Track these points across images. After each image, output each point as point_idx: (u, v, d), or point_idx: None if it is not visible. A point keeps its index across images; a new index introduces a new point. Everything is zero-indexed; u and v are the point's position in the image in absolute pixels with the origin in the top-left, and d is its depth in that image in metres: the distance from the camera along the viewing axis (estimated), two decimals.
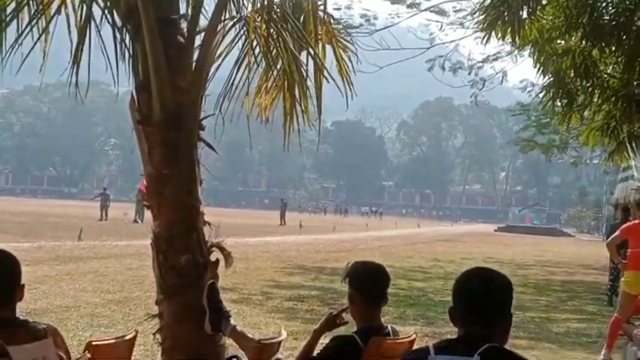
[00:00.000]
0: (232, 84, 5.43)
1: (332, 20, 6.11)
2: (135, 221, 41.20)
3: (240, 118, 5.74)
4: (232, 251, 4.72)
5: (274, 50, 5.42)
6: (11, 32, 5.28)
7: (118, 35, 4.91)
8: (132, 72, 4.96)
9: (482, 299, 2.74)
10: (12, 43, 5.12)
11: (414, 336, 4.24)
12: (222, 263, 4.59)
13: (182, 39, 4.67)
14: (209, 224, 4.71)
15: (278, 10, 5.26)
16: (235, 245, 4.62)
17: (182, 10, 4.78)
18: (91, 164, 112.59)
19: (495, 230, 66.96)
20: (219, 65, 5.21)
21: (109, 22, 4.98)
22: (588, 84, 9.78)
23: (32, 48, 5.16)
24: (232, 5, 4.88)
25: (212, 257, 4.61)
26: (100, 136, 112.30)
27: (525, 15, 9.05)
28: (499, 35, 9.23)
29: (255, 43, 5.38)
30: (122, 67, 5.06)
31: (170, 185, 4.52)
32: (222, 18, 4.79)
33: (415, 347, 3.89)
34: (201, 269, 4.45)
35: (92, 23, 5.08)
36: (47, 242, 22.23)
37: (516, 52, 16.86)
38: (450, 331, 3.11)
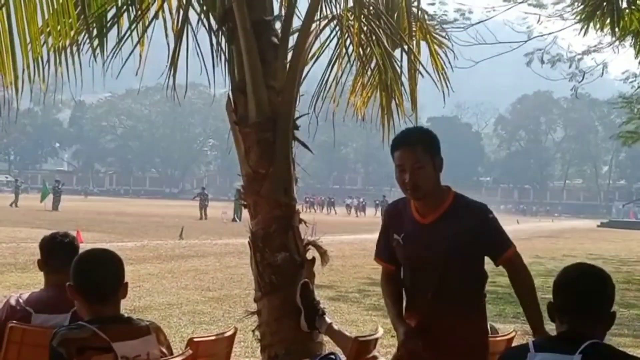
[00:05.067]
0: (326, 83, 5.47)
1: (426, 16, 6.07)
2: (233, 220, 41.90)
3: (335, 116, 5.77)
4: (328, 249, 4.76)
5: (368, 48, 5.43)
6: (111, 37, 5.48)
7: (214, 39, 5.02)
8: (228, 74, 5.06)
9: (582, 295, 2.68)
10: (112, 47, 5.31)
11: (513, 334, 4.18)
12: (318, 261, 4.64)
13: (276, 40, 4.72)
14: (305, 222, 4.76)
15: (371, 7, 5.25)
16: (332, 242, 4.65)
17: (276, 12, 4.84)
18: (190, 165, 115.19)
19: (598, 226, 64.90)
20: (313, 64, 5.25)
21: (204, 26, 5.09)
22: None
23: (131, 52, 5.32)
24: (325, 5, 4.89)
25: (309, 255, 4.66)
26: (198, 137, 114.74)
27: (624, 5, 8.75)
28: (598, 26, 8.96)
29: (348, 41, 5.41)
30: (218, 69, 5.18)
31: (266, 184, 4.59)
32: (316, 18, 4.81)
33: (514, 344, 3.83)
34: (298, 267, 4.50)
35: (189, 27, 5.22)
36: (149, 241, 22.89)
37: (617, 43, 16.28)
38: (550, 329, 3.04)
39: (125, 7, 5.36)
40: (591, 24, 8.85)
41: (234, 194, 51.90)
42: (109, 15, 5.42)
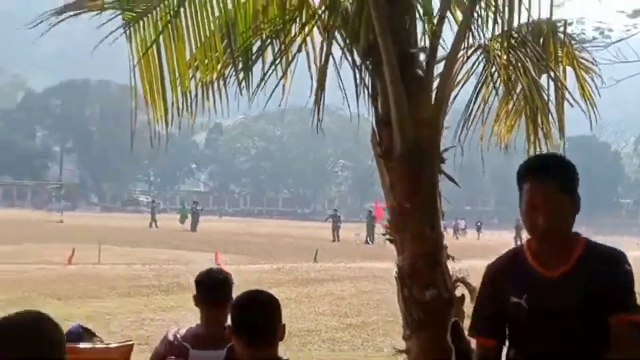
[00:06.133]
0: (470, 112, 5.37)
1: (572, 41, 5.86)
2: (366, 242, 42.01)
3: (472, 142, 5.65)
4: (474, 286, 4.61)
5: (513, 75, 5.29)
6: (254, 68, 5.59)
7: (357, 72, 5.01)
8: (372, 106, 5.03)
9: None
10: (258, 83, 5.40)
11: None
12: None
13: (420, 72, 4.65)
14: (453, 257, 4.64)
15: (517, 35, 5.11)
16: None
17: (420, 43, 4.78)
18: (322, 185, 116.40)
19: None
20: (457, 95, 5.15)
21: (347, 60, 5.10)
22: None
23: (276, 86, 5.39)
24: (470, 34, 4.79)
25: (457, 292, 4.54)
26: (330, 157, 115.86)
27: None
28: None
29: (493, 69, 5.29)
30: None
31: (412, 218, 4.50)
32: (462, 47, 4.72)
33: None
34: (447, 304, 4.38)
35: (331, 59, 5.25)
36: (285, 264, 23.22)
37: None
38: None
39: (269, 40, 5.45)
40: None
41: (365, 215, 52.09)
42: (254, 48, 5.54)
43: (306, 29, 5.31)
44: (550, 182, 2.73)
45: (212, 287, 4.01)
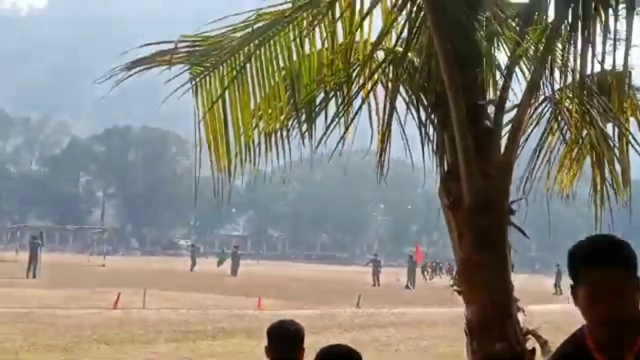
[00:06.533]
0: (535, 163, 5.39)
1: (635, 92, 5.86)
2: (407, 287, 41.70)
3: (542, 195, 5.65)
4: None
5: (579, 125, 5.31)
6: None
7: (422, 126, 5.08)
8: (436, 158, 5.08)
9: None
10: (321, 136, 5.47)
11: None
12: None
13: (489, 124, 4.68)
14: (523, 310, 4.61)
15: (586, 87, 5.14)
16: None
17: (489, 95, 4.82)
18: (360, 230, 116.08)
19: None
20: (523, 146, 5.16)
21: (412, 114, 5.16)
22: None
23: (340, 140, 5.46)
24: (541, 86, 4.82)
25: (528, 345, 4.49)
26: (369, 202, 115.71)
27: None
28: None
29: (559, 118, 5.33)
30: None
31: (481, 271, 4.49)
32: (532, 99, 4.74)
33: None
34: (518, 358, 4.34)
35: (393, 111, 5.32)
36: (327, 309, 23.12)
37: None
38: None
39: (333, 93, 5.53)
40: None
41: (404, 259, 51.81)
42: (317, 100, 5.63)
43: (369, 83, 5.39)
44: (612, 270, 2.56)
45: (284, 339, 4.03)
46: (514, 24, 4.92)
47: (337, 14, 5.03)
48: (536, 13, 4.75)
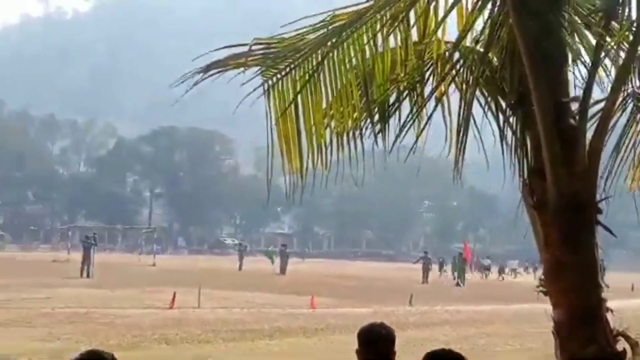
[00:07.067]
0: (620, 158, 5.30)
1: None
2: (457, 284, 41.47)
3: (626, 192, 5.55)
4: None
5: None
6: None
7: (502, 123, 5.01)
8: (516, 156, 5.00)
9: None
10: (395, 137, 5.44)
11: None
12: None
13: (573, 122, 4.59)
14: (611, 310, 4.52)
15: None
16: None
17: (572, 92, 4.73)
18: (405, 226, 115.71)
19: None
20: (607, 141, 5.06)
21: (492, 112, 5.09)
22: None
23: (416, 141, 5.43)
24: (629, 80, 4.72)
25: (619, 347, 4.41)
26: (414, 199, 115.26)
27: None
28: None
29: None
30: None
31: (568, 271, 4.41)
32: (618, 95, 4.65)
33: None
34: None
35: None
36: (379, 307, 23.06)
37: None
38: None
39: (407, 92, 5.50)
40: None
41: (450, 256, 51.54)
42: (391, 99, 5.59)
43: (444, 83, 5.34)
44: None
45: (375, 342, 4.01)
46: (597, 19, 4.82)
47: (415, 14, 4.99)
48: (619, 8, 4.65)
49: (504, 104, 5.01)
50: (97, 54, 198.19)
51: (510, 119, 4.97)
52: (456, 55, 5.27)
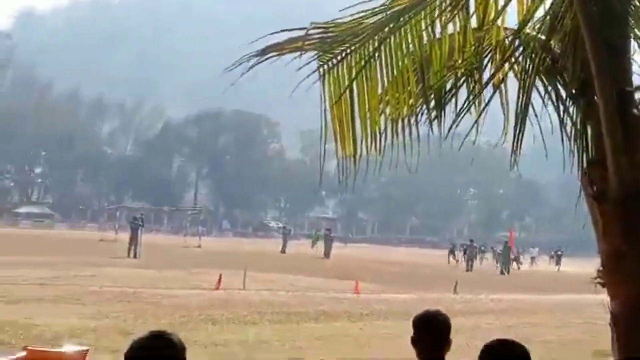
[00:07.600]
0: None
1: None
2: (501, 273, 41.20)
3: None
4: None
5: None
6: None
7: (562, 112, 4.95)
8: (575, 146, 4.94)
9: None
10: (451, 123, 5.41)
11: None
12: None
13: (636, 111, 4.52)
14: None
15: None
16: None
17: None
18: (450, 214, 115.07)
19: None
20: None
21: (551, 100, 5.03)
22: None
23: (471, 128, 5.40)
24: None
25: None
26: (459, 186, 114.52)
27: None
28: None
29: None
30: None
31: (628, 262, 4.35)
32: None
33: None
34: None
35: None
36: (424, 294, 23.03)
37: None
38: None
39: (464, 78, 5.45)
40: None
41: (495, 243, 51.11)
42: (448, 85, 5.55)
43: (501, 70, 5.29)
44: None
45: (431, 330, 4.01)
46: None
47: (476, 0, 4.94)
48: None
49: (563, 93, 4.95)
50: (143, 38, 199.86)
51: (570, 109, 4.91)
52: (516, 42, 5.20)
